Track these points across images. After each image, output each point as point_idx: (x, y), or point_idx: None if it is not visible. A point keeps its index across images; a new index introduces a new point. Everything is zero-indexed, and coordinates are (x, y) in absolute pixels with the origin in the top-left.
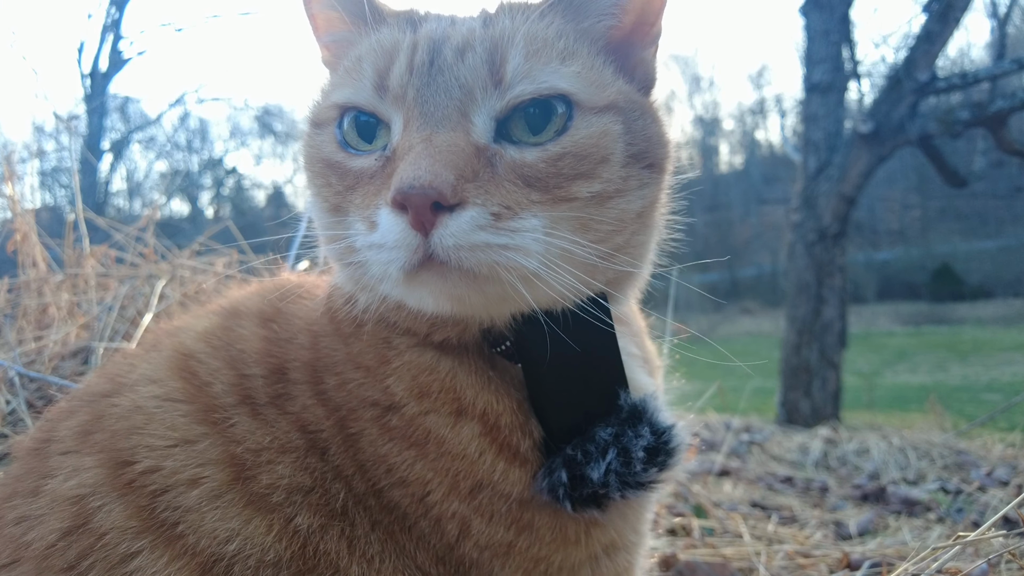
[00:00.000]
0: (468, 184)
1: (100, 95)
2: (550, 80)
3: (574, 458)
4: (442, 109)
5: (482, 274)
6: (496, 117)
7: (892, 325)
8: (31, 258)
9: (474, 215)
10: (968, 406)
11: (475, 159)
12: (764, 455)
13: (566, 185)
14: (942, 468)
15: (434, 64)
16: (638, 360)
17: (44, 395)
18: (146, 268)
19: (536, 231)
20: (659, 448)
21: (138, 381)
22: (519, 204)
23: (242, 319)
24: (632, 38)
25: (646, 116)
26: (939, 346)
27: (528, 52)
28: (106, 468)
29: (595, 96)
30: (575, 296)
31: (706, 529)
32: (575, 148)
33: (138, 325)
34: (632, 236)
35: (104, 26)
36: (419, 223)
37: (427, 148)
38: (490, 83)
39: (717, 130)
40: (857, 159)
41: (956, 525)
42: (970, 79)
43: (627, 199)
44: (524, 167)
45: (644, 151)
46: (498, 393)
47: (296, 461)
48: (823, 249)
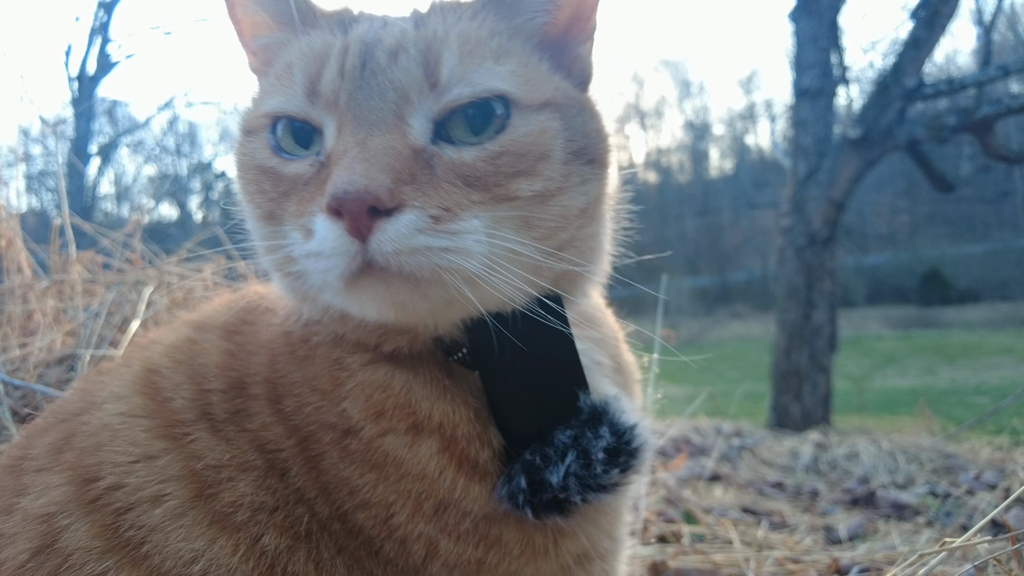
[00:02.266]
0: (406, 187)
1: (88, 98)
2: (486, 81)
3: (533, 463)
4: (376, 112)
5: (424, 278)
6: (433, 119)
7: (882, 329)
8: (16, 264)
9: (413, 218)
10: (957, 409)
11: (412, 161)
12: (755, 460)
13: (506, 183)
14: (931, 472)
15: (366, 67)
16: (606, 369)
17: (29, 403)
18: (133, 274)
19: (478, 232)
20: (620, 449)
21: (107, 398)
22: (459, 205)
23: (208, 332)
24: (568, 34)
25: (584, 112)
26: (928, 350)
27: (462, 53)
28: (73, 485)
29: (532, 94)
30: (524, 296)
31: (696, 535)
32: (514, 146)
33: (125, 332)
34: (577, 232)
35: (92, 29)
36: (356, 229)
37: (362, 152)
38: (426, 85)
39: (707, 135)
40: (846, 164)
41: (945, 529)
42: (957, 85)
43: (569, 196)
44: (463, 167)
45: (584, 147)
46: (454, 402)
47: (257, 480)
48: (813, 254)
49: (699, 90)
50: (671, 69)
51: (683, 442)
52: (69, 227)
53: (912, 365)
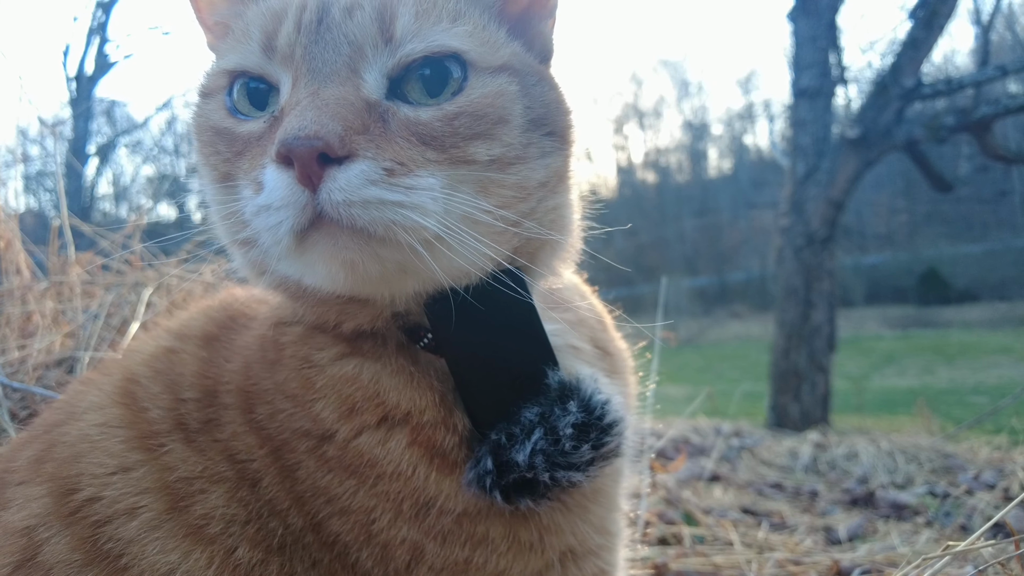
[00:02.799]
0: (358, 136)
1: (86, 99)
2: (440, 39)
3: (499, 442)
4: (330, 65)
5: (377, 234)
6: (388, 75)
7: (880, 329)
8: (15, 265)
9: (365, 168)
10: (955, 409)
11: (365, 113)
12: (754, 460)
13: (463, 145)
14: (930, 472)
15: (323, 22)
16: (586, 355)
17: (27, 405)
18: (132, 276)
19: (434, 190)
20: (591, 424)
21: (87, 408)
22: (414, 161)
23: (186, 340)
24: (530, 11)
25: (544, 82)
26: (926, 349)
27: (418, 11)
28: (52, 497)
29: (489, 56)
30: (484, 266)
31: (697, 537)
32: (471, 107)
33: (124, 334)
34: (539, 204)
35: (90, 29)
36: (305, 177)
37: (314, 100)
38: (380, 40)
39: (706, 135)
40: (845, 164)
41: (944, 529)
42: (955, 85)
43: (529, 166)
44: (419, 125)
45: (543, 117)
46: (420, 388)
47: (229, 492)
48: (812, 254)
49: (698, 90)
50: (670, 69)
51: (682, 442)
52: (68, 228)
53: (911, 365)
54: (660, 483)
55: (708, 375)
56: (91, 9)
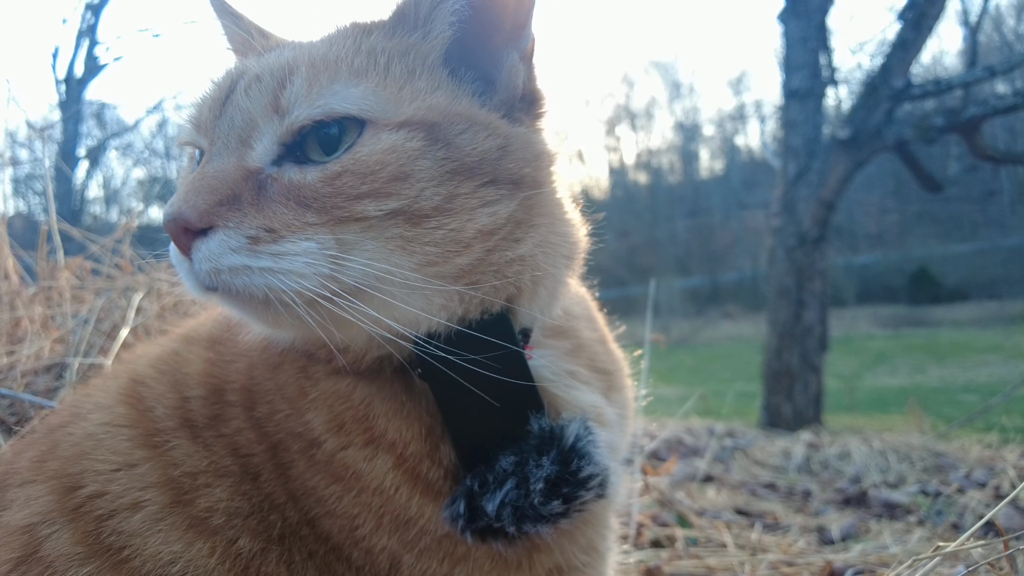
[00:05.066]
0: (222, 208)
1: (75, 101)
2: (329, 103)
3: (472, 489)
4: (223, 139)
5: (258, 297)
6: (282, 141)
7: (872, 328)
8: (3, 270)
9: (224, 238)
10: (946, 407)
11: (241, 183)
12: (747, 460)
13: (348, 205)
14: (922, 471)
15: (228, 98)
16: (583, 377)
17: (16, 412)
18: (123, 280)
19: (311, 254)
20: (565, 479)
21: (92, 409)
22: (288, 227)
23: (192, 344)
24: (499, 45)
25: (476, 129)
26: (917, 348)
27: (310, 76)
28: (56, 494)
29: (391, 113)
30: (433, 318)
31: (690, 539)
32: (355, 166)
33: (115, 339)
34: (488, 255)
35: (79, 31)
36: (180, 247)
37: (196, 175)
38: (271, 110)
39: (698, 136)
40: (836, 164)
41: (936, 528)
42: (944, 86)
43: (459, 218)
44: (301, 188)
45: (477, 166)
46: (408, 419)
47: (233, 486)
48: (803, 254)
49: (689, 91)
50: (661, 70)
51: (675, 443)
52: (57, 233)
53: (902, 364)
54: (653, 485)
55: (700, 375)
56: (80, 11)
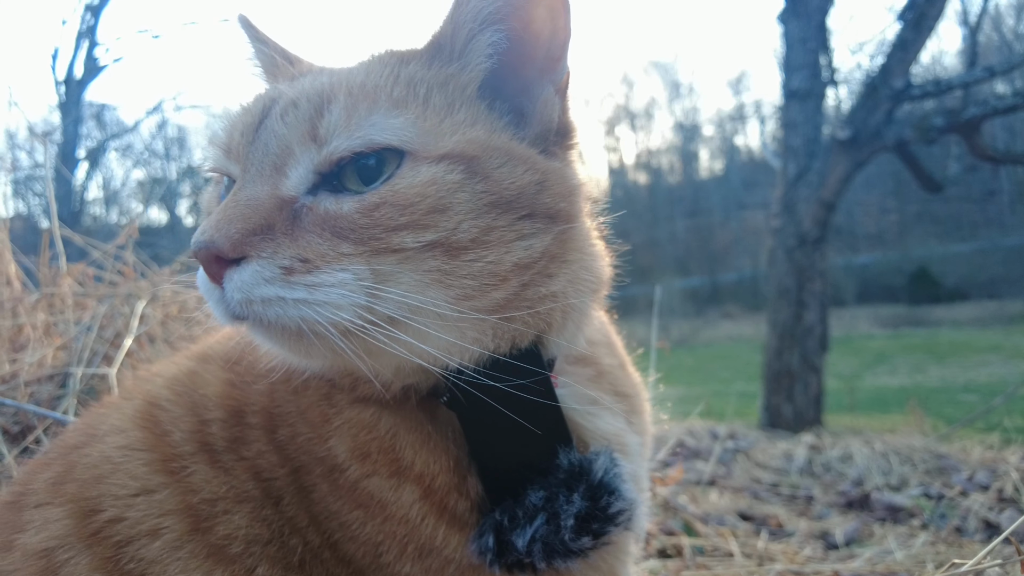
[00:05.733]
0: (255, 237)
1: (75, 102)
2: (368, 134)
3: (501, 523)
4: (258, 165)
5: (291, 329)
6: (318, 171)
7: (871, 328)
8: (5, 276)
9: (257, 268)
10: (946, 407)
11: (275, 212)
12: (749, 462)
13: (386, 237)
14: (924, 473)
15: (262, 124)
16: (606, 402)
17: (20, 421)
18: (125, 287)
19: (347, 285)
20: (595, 515)
21: (108, 431)
22: (323, 257)
23: (209, 363)
24: (532, 76)
25: (515, 164)
26: (917, 348)
27: (348, 105)
28: (74, 518)
29: (431, 145)
30: (467, 351)
31: (696, 547)
32: (394, 198)
33: (118, 347)
34: (524, 289)
35: (79, 32)
36: (211, 276)
37: (228, 202)
38: (308, 138)
39: (697, 136)
40: (836, 165)
41: (940, 532)
42: (944, 86)
43: (496, 251)
44: (338, 219)
45: (514, 200)
46: (435, 451)
47: (253, 512)
48: (804, 254)
49: (688, 91)
50: (660, 71)
51: (677, 446)
52: (59, 240)
53: (902, 364)
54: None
55: (701, 375)
56: (80, 13)
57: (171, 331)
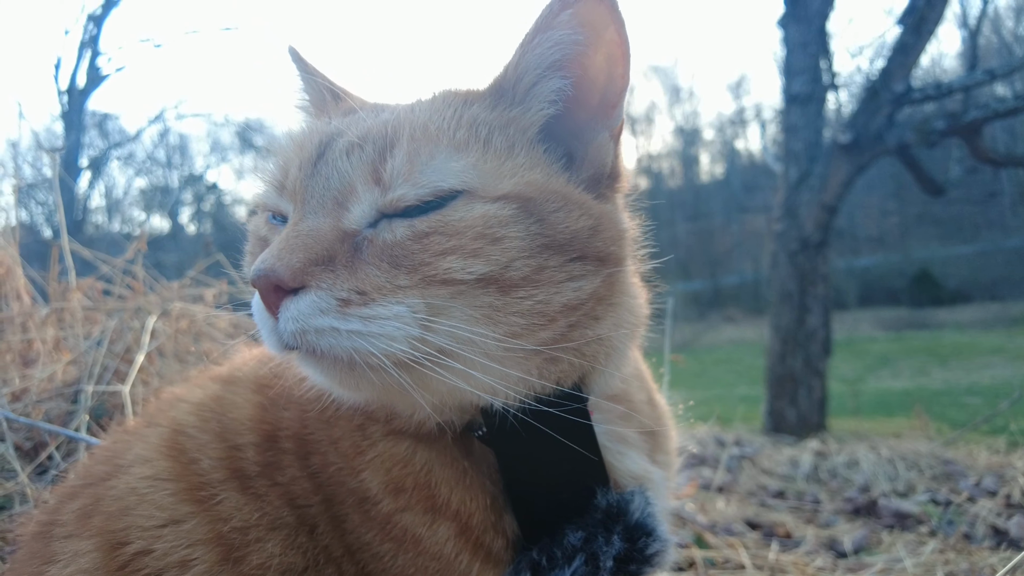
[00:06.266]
0: (316, 268)
1: (78, 112)
2: (432, 181)
3: (539, 563)
4: (318, 199)
5: (343, 360)
6: (382, 211)
7: (874, 331)
8: (15, 291)
9: (315, 299)
10: (950, 410)
11: (336, 243)
12: (755, 469)
13: (435, 263)
14: (931, 479)
15: (322, 158)
16: (636, 443)
17: (32, 437)
18: (134, 301)
19: (401, 318)
20: (632, 556)
21: (133, 461)
22: (379, 290)
23: (237, 386)
24: (588, 122)
25: (570, 208)
26: (920, 351)
27: (411, 151)
28: (102, 551)
29: (490, 187)
30: (512, 389)
31: (708, 559)
32: (444, 226)
33: (128, 361)
34: (571, 330)
35: (81, 42)
36: (268, 305)
37: (289, 232)
38: (372, 181)
39: (698, 140)
40: (837, 169)
41: (948, 539)
42: (944, 90)
43: (545, 290)
44: (393, 246)
45: (567, 243)
46: (472, 489)
47: (287, 539)
48: (806, 258)
49: (689, 96)
50: (660, 75)
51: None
52: (68, 254)
53: (905, 366)
54: None
55: (704, 380)
56: (82, 23)
57: (181, 345)
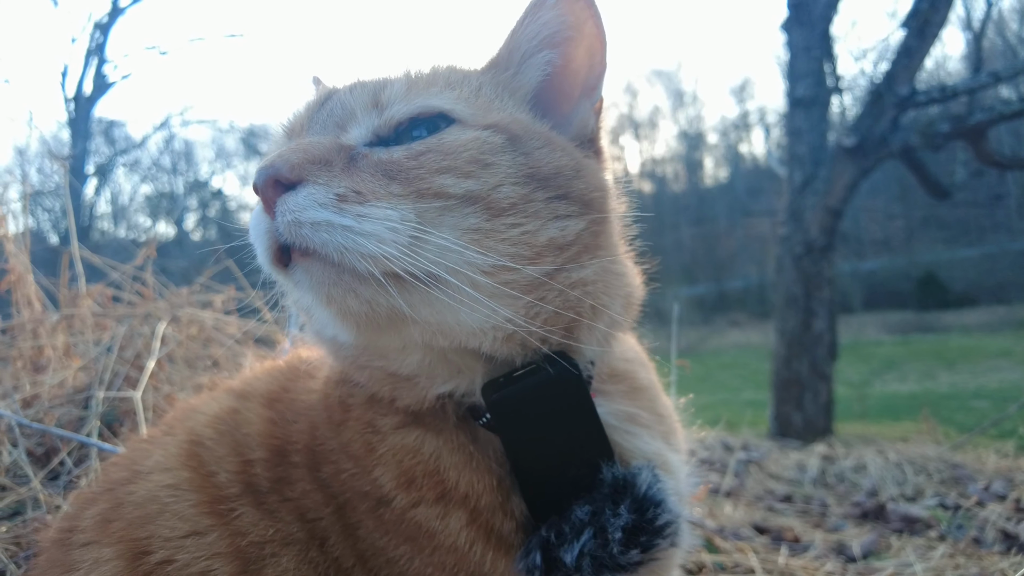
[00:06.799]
0: (313, 166)
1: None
2: (425, 101)
3: (548, 539)
4: (321, 124)
5: (333, 260)
6: (377, 133)
7: (880, 334)
8: (26, 298)
9: (312, 191)
10: (958, 413)
11: (334, 152)
12: (762, 474)
13: (429, 178)
14: (939, 483)
15: (328, 100)
16: (644, 420)
17: (43, 443)
18: (144, 307)
19: (392, 220)
20: (642, 527)
21: (152, 469)
22: (374, 193)
23: (250, 401)
24: (569, 91)
25: (552, 148)
26: (927, 354)
27: (409, 84)
28: (124, 559)
29: (478, 115)
30: (498, 329)
31: (718, 564)
32: (440, 146)
33: (138, 368)
34: (557, 273)
35: (88, 50)
36: (266, 201)
37: (290, 144)
38: (370, 105)
39: (701, 144)
40: (842, 172)
41: (958, 544)
42: (949, 92)
43: (532, 221)
44: (388, 163)
45: (550, 177)
46: (479, 471)
47: (299, 554)
48: (811, 262)
49: (692, 100)
50: (663, 80)
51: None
52: (79, 261)
53: (911, 370)
54: None
55: (709, 384)
56: (89, 31)
57: (191, 351)
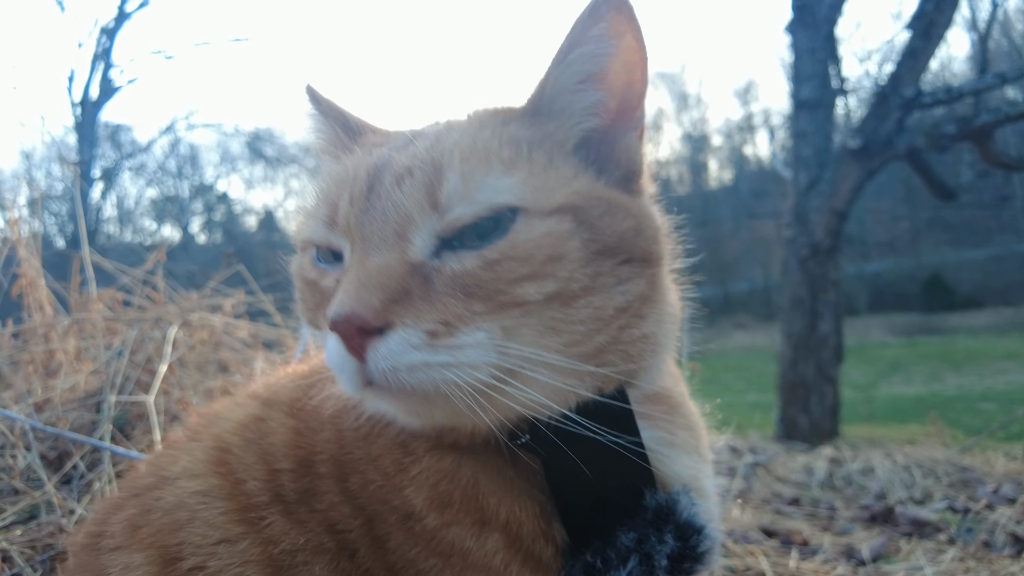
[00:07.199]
0: (396, 305)
1: (91, 123)
2: (488, 199)
3: (593, 565)
4: (379, 233)
5: (428, 393)
6: (439, 236)
7: (885, 336)
8: (38, 302)
9: (405, 336)
10: (965, 416)
11: (408, 278)
12: (769, 476)
13: (510, 290)
14: (948, 486)
15: (373, 190)
16: (679, 439)
17: (56, 447)
18: (154, 311)
19: (482, 345)
20: (685, 554)
21: (180, 474)
22: (460, 319)
23: (273, 409)
24: (614, 127)
25: (615, 210)
26: (933, 356)
27: (464, 171)
28: (155, 565)
29: (543, 201)
30: (564, 399)
31: (728, 567)
32: (513, 252)
33: (150, 371)
34: (620, 333)
35: (94, 55)
36: (352, 349)
37: (358, 272)
38: (427, 206)
39: (706, 146)
40: (847, 174)
41: (968, 547)
42: (954, 94)
43: (601, 296)
44: (464, 277)
45: (616, 246)
46: (520, 498)
47: (331, 563)
48: (816, 264)
49: (696, 102)
50: (667, 82)
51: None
52: (89, 266)
53: (918, 372)
54: None
55: (714, 386)
56: (95, 36)
57: (202, 356)
